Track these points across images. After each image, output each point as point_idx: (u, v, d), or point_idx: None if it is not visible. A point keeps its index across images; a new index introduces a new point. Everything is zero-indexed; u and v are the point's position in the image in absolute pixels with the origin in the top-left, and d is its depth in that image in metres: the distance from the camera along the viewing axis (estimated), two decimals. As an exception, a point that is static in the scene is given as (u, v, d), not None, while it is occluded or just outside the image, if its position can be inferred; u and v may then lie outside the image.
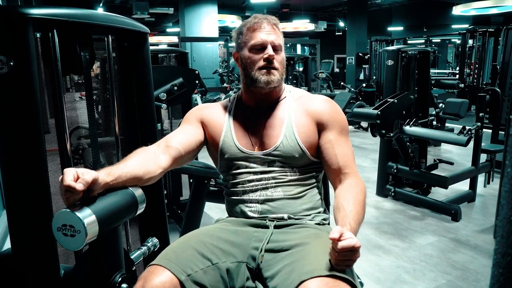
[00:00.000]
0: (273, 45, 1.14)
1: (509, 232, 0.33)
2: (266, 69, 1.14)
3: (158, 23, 14.22)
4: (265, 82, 1.13)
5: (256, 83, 1.14)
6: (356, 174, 1.14)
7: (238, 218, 1.16)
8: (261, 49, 1.14)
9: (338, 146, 1.14)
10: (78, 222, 0.79)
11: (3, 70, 0.87)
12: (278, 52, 1.15)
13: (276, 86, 1.16)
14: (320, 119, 1.16)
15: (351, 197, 1.05)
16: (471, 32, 7.68)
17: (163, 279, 0.92)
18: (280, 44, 1.16)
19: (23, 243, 0.98)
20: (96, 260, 0.93)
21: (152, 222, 1.37)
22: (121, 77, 1.30)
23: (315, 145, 1.16)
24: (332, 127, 1.15)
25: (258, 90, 1.16)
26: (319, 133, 1.16)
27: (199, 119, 1.23)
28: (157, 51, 3.27)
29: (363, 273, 2.11)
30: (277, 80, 1.15)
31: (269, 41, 1.13)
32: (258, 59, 1.14)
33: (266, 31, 1.14)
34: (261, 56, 1.14)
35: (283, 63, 1.18)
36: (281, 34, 1.19)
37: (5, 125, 0.93)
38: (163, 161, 1.08)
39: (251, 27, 1.16)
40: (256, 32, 1.14)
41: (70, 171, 0.82)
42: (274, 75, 1.14)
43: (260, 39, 1.14)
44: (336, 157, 1.13)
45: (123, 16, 1.22)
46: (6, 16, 0.88)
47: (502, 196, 0.35)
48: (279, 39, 1.16)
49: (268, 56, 1.12)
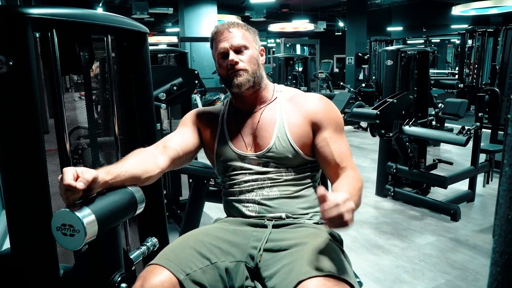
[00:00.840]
0: (234, 49, 1.14)
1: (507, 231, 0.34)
2: (233, 73, 1.14)
3: (158, 23, 14.23)
4: (236, 86, 1.14)
5: (231, 89, 1.17)
6: (353, 168, 1.14)
7: (236, 218, 1.17)
8: (226, 56, 1.15)
9: (333, 143, 1.14)
10: (77, 222, 0.79)
11: (3, 70, 0.88)
12: (243, 52, 1.15)
13: (251, 85, 1.16)
14: (314, 118, 1.16)
15: (347, 183, 1.06)
16: (471, 32, 7.70)
17: (162, 279, 0.92)
18: (243, 44, 1.15)
19: (22, 243, 0.98)
20: (96, 260, 0.93)
21: (152, 222, 1.37)
22: (121, 77, 1.30)
23: (309, 144, 1.16)
24: (327, 126, 1.15)
25: (237, 94, 1.18)
26: (314, 132, 1.16)
27: (195, 122, 1.25)
28: (157, 51, 3.26)
29: (363, 273, 2.11)
30: (247, 80, 1.15)
31: (228, 46, 1.14)
32: (225, 66, 1.15)
33: (225, 38, 1.15)
34: (226, 62, 1.15)
35: (253, 60, 1.16)
36: (246, 30, 1.18)
37: (5, 125, 0.93)
38: (161, 161, 1.09)
39: (214, 38, 1.18)
40: (218, 41, 1.16)
41: (70, 170, 0.81)
42: (241, 76, 1.14)
43: (220, 48, 1.15)
44: (333, 154, 1.13)
45: (122, 16, 1.22)
46: (5, 16, 0.88)
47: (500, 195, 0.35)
48: (243, 38, 1.16)
49: (229, 62, 1.14)
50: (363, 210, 3.06)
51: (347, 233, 2.62)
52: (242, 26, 1.19)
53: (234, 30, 1.16)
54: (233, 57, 1.13)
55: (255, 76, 1.16)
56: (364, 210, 3.07)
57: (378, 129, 2.87)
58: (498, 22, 11.26)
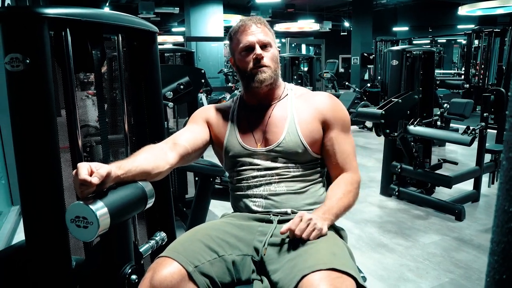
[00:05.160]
0: (261, 44, 1.17)
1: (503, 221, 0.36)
2: (257, 68, 1.17)
3: (164, 23, 14.29)
4: (259, 81, 1.17)
5: (252, 83, 1.18)
6: (353, 170, 1.19)
7: (243, 213, 1.19)
8: (250, 50, 1.17)
9: (338, 143, 1.18)
10: (91, 214, 0.82)
11: (20, 68, 0.91)
12: (267, 49, 1.19)
13: (271, 82, 1.19)
14: (324, 116, 1.19)
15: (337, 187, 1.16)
16: (477, 33, 7.65)
17: (171, 270, 0.95)
18: (269, 41, 1.19)
19: (37, 236, 1.01)
20: (107, 252, 0.96)
21: (160, 217, 1.40)
22: (130, 75, 1.33)
23: (319, 141, 1.19)
24: (334, 125, 1.19)
25: (256, 89, 1.20)
26: (323, 130, 1.19)
27: (204, 119, 1.27)
28: (164, 50, 3.29)
29: (367, 271, 2.12)
30: (270, 77, 1.18)
31: (256, 41, 1.17)
32: (249, 61, 1.18)
33: (252, 32, 1.18)
34: (251, 57, 1.17)
35: (275, 58, 1.20)
36: (269, 31, 1.22)
37: (21, 120, 0.96)
38: (171, 157, 1.11)
39: (238, 31, 1.20)
40: (243, 34, 1.18)
41: (84, 165, 0.84)
42: (265, 73, 1.17)
43: (247, 41, 1.17)
44: (336, 154, 1.18)
45: (133, 16, 1.24)
46: (23, 16, 0.91)
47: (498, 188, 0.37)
48: (267, 36, 1.19)
49: (256, 56, 1.16)
50: (368, 209, 3.08)
51: (352, 232, 2.63)
52: (266, 25, 1.22)
53: (261, 26, 1.19)
54: (261, 52, 1.16)
55: (276, 74, 1.20)
56: (369, 209, 3.08)
57: (383, 129, 2.88)
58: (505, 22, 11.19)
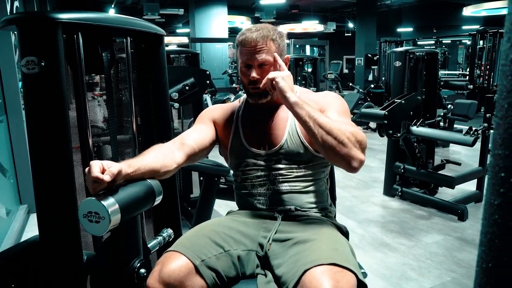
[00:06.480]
0: (258, 64, 1.16)
1: (490, 214, 0.39)
2: (252, 87, 1.19)
3: (168, 24, 14.37)
4: (253, 99, 1.21)
5: (248, 97, 1.23)
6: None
7: (248, 210, 1.23)
8: (249, 67, 1.18)
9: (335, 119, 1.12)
10: (103, 210, 0.86)
11: (35, 70, 0.95)
12: (265, 68, 1.17)
13: (267, 99, 1.21)
14: (320, 107, 1.17)
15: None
16: (482, 33, 7.64)
17: (179, 264, 1.00)
18: (267, 59, 1.16)
19: (50, 231, 1.06)
20: (117, 247, 1.00)
21: (166, 214, 1.43)
22: (138, 77, 1.37)
23: None
24: (329, 108, 1.18)
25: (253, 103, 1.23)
26: None
27: (211, 119, 1.31)
28: (169, 51, 3.34)
29: (369, 269, 2.15)
30: (264, 95, 1.19)
31: (254, 61, 1.16)
32: (247, 77, 1.19)
33: (251, 49, 1.15)
34: (248, 75, 1.18)
35: None
36: (273, 43, 1.17)
37: (35, 121, 1.01)
38: (178, 157, 1.15)
39: (241, 43, 1.18)
40: (244, 50, 1.17)
41: (97, 163, 0.88)
42: (259, 93, 1.19)
43: (245, 60, 1.17)
44: None
45: (141, 19, 1.29)
46: (38, 21, 0.96)
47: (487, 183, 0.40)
48: (268, 52, 1.16)
49: (251, 78, 1.17)
50: (371, 209, 3.10)
51: (355, 231, 2.66)
52: (270, 38, 1.16)
53: (262, 42, 1.15)
54: (255, 75, 1.17)
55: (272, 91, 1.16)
56: (372, 209, 3.11)
57: (386, 130, 2.90)
58: (510, 23, 11.12)
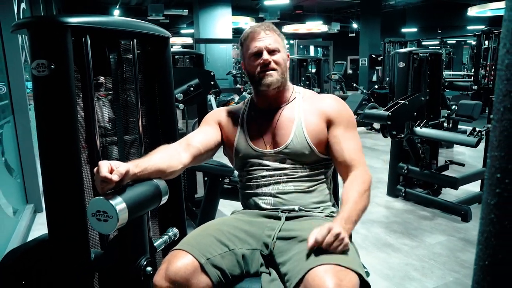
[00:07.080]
0: (268, 50, 1.23)
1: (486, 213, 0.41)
2: (264, 72, 1.23)
3: (173, 25, 14.42)
4: (266, 85, 1.23)
5: (260, 87, 1.24)
6: (362, 166, 1.20)
7: (252, 210, 1.25)
8: (259, 56, 1.23)
9: (344, 141, 1.22)
10: (111, 209, 0.88)
11: (45, 73, 0.98)
12: (275, 53, 1.24)
13: (278, 86, 1.24)
14: (328, 116, 1.24)
15: (352, 188, 1.14)
16: (487, 34, 7.62)
17: (185, 262, 1.02)
18: (276, 47, 1.24)
19: (59, 230, 1.08)
20: (124, 245, 1.02)
21: (171, 214, 1.46)
22: (144, 78, 1.40)
23: (324, 142, 1.24)
24: (338, 123, 1.23)
25: (264, 92, 1.25)
26: (328, 130, 1.24)
27: (217, 121, 1.33)
28: (174, 53, 3.37)
29: (372, 270, 2.16)
30: (277, 80, 1.23)
31: (264, 46, 1.22)
32: (256, 65, 1.23)
33: (261, 38, 1.23)
34: (259, 62, 1.23)
35: (282, 62, 1.25)
36: (278, 36, 1.27)
37: (45, 122, 1.03)
38: (184, 157, 1.18)
39: (248, 38, 1.26)
40: (252, 41, 1.24)
41: (105, 163, 0.91)
42: (272, 76, 1.22)
43: (255, 47, 1.23)
44: (343, 151, 1.21)
45: (147, 22, 1.31)
46: (48, 25, 0.98)
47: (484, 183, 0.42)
48: (276, 41, 1.24)
49: (263, 62, 1.22)
50: (374, 209, 3.11)
51: (358, 232, 2.67)
52: (275, 31, 1.27)
53: (270, 33, 1.25)
54: (267, 57, 1.22)
55: (283, 77, 1.25)
56: (375, 209, 3.11)
57: (390, 130, 2.91)
58: (516, 23, 11.06)
